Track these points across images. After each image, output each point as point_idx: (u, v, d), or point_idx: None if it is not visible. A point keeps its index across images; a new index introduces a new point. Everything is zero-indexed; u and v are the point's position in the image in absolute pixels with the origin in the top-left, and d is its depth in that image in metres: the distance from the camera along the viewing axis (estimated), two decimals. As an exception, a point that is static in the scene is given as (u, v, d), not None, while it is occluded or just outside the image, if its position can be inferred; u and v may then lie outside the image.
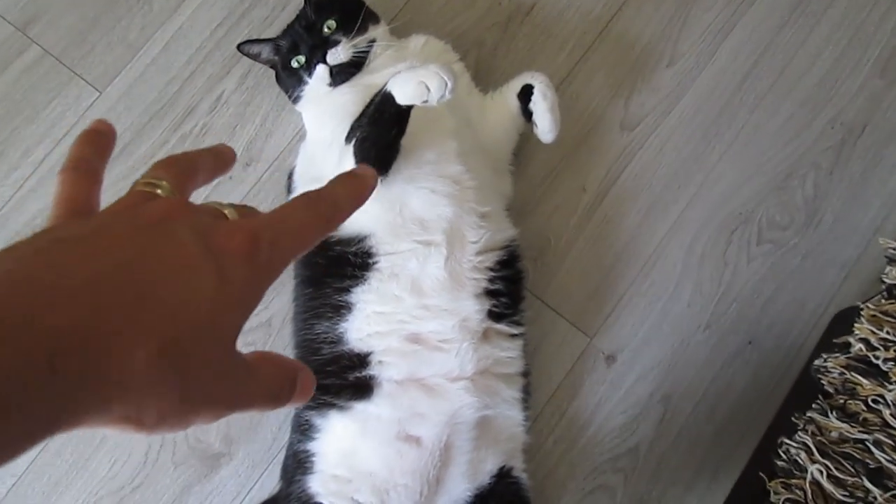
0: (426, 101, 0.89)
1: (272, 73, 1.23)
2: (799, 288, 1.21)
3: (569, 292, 1.20)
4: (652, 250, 1.21)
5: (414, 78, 0.89)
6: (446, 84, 0.88)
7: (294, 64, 1.06)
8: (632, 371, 1.18)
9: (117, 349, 0.28)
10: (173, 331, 0.30)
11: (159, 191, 0.36)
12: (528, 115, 1.10)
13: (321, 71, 1.04)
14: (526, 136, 1.16)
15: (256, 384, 0.35)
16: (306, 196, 0.38)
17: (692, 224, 1.22)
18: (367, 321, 0.96)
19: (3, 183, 1.18)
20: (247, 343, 1.16)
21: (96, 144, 0.39)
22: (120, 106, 1.23)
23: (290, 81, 1.08)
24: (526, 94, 1.09)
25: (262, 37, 1.18)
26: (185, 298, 0.31)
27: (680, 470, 1.17)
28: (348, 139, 0.96)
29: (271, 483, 1.12)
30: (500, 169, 1.13)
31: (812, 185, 1.24)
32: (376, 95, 0.94)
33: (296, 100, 1.10)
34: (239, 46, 1.11)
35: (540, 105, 1.07)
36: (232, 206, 0.38)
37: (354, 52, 1.05)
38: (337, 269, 0.98)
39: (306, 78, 1.06)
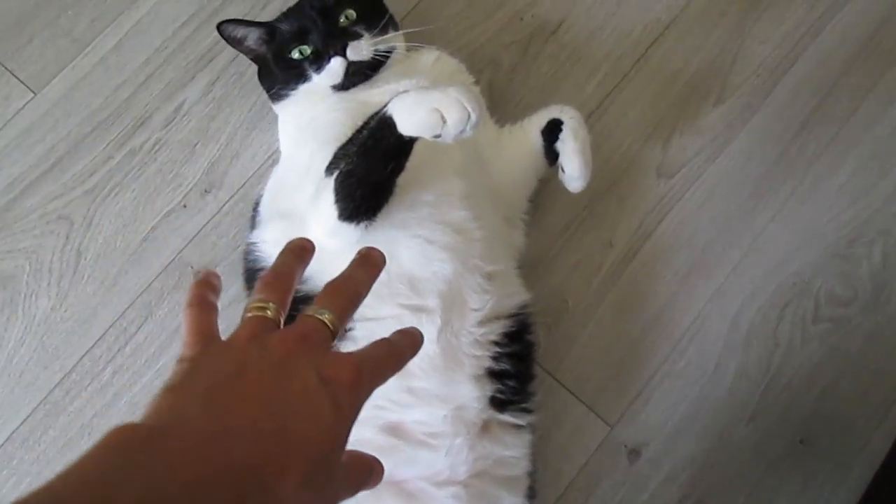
0: (438, 136, 0.71)
1: (245, 81, 1.05)
2: (861, 376, 1.03)
3: (587, 369, 1.01)
4: (689, 322, 1.03)
5: (426, 103, 0.70)
6: (469, 117, 0.69)
7: (296, 55, 0.87)
8: (659, 470, 0.99)
9: (276, 483, 0.36)
10: (310, 460, 0.38)
11: (269, 312, 0.45)
12: (552, 156, 0.94)
13: (336, 65, 0.86)
14: (546, 178, 0.98)
15: (352, 480, 0.44)
16: (385, 341, 0.47)
17: (738, 293, 1.04)
18: None
19: None
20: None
21: (211, 286, 0.48)
22: (58, 111, 1.04)
23: (284, 76, 0.89)
24: (552, 130, 0.93)
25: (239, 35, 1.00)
26: (314, 429, 0.39)
27: None
28: (329, 170, 0.78)
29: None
30: (512, 218, 0.95)
31: (880, 253, 1.06)
32: (372, 118, 0.76)
33: (280, 97, 0.91)
34: (219, 26, 0.91)
35: (569, 145, 0.91)
36: (326, 309, 0.45)
37: (376, 53, 0.87)
38: None
39: (311, 72, 0.87)
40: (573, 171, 0.91)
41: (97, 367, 0.97)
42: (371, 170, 0.75)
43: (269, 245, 0.85)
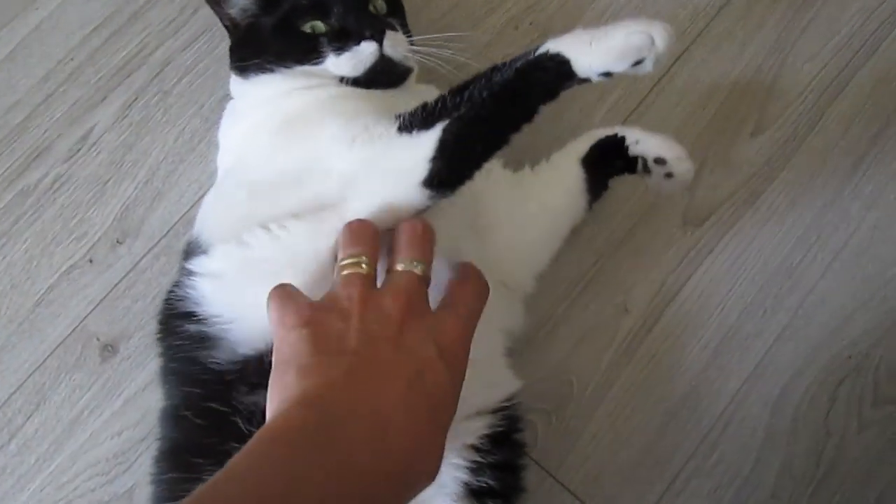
0: (639, 64, 0.57)
1: (170, 102, 0.87)
2: (930, 473, 0.86)
3: (597, 468, 0.82)
4: (722, 408, 0.85)
5: (624, 28, 0.57)
6: (670, 40, 0.57)
7: (307, 28, 0.72)
8: None
9: (425, 460, 0.47)
10: (444, 430, 0.48)
11: (364, 266, 0.52)
12: (597, 190, 0.81)
13: (367, 51, 0.71)
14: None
15: None
16: (468, 280, 0.57)
17: (781, 371, 0.86)
18: None
19: None
20: (92, 526, 0.77)
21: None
22: (-69, 138, 0.84)
23: (286, 51, 0.73)
24: (604, 153, 0.80)
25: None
26: (442, 402, 0.48)
27: None
28: (421, 124, 0.61)
29: None
30: (515, 290, 0.78)
31: (951, 320, 0.90)
32: (508, 63, 0.60)
33: (263, 71, 0.73)
34: None
35: (647, 137, 0.78)
36: (416, 261, 0.52)
37: (405, 53, 0.74)
38: (218, 434, 0.60)
39: (328, 53, 0.71)
40: (674, 150, 0.76)
41: (-28, 469, 0.78)
42: (503, 123, 0.60)
43: (213, 280, 0.64)
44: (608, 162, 0.80)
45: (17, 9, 0.88)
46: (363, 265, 0.52)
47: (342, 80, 0.72)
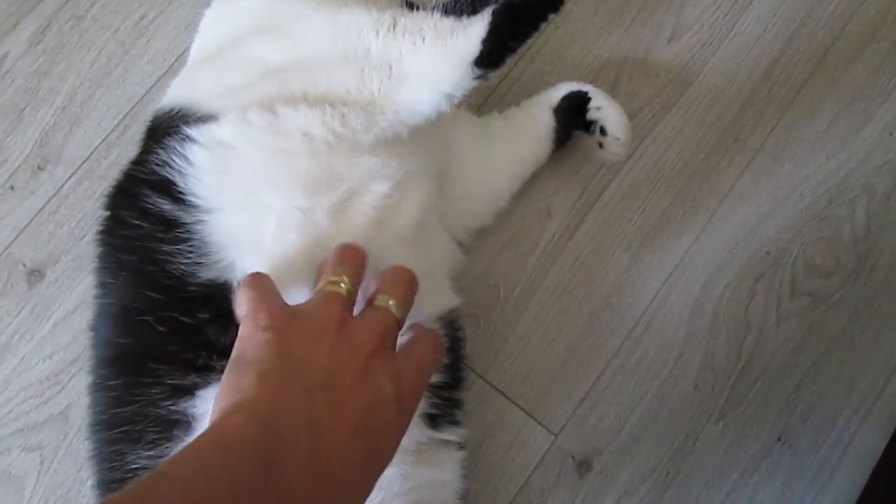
0: None
1: (85, 26, 0.88)
2: (845, 360, 0.92)
3: (525, 368, 0.87)
4: (644, 307, 0.90)
5: None
6: None
7: None
8: (614, 483, 0.86)
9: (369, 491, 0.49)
10: (383, 468, 0.50)
11: (343, 286, 0.53)
12: (563, 138, 0.87)
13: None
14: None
15: None
16: (431, 339, 0.58)
17: (701, 268, 0.91)
18: None
19: None
20: (29, 447, 0.80)
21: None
22: None
23: None
24: (572, 106, 0.86)
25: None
26: (387, 438, 0.50)
27: None
28: (469, 8, 0.66)
29: None
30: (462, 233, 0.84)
31: (863, 214, 0.94)
32: None
33: None
34: None
35: (608, 106, 0.85)
36: (395, 301, 0.53)
37: None
38: (180, 342, 0.60)
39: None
40: (620, 131, 0.83)
41: None
42: (545, 4, 0.66)
43: (217, 150, 0.62)
44: (575, 115, 0.86)
45: (-81, -64, 0.88)
46: (346, 289, 0.53)
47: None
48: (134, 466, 0.59)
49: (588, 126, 0.85)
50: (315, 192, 0.61)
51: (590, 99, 0.85)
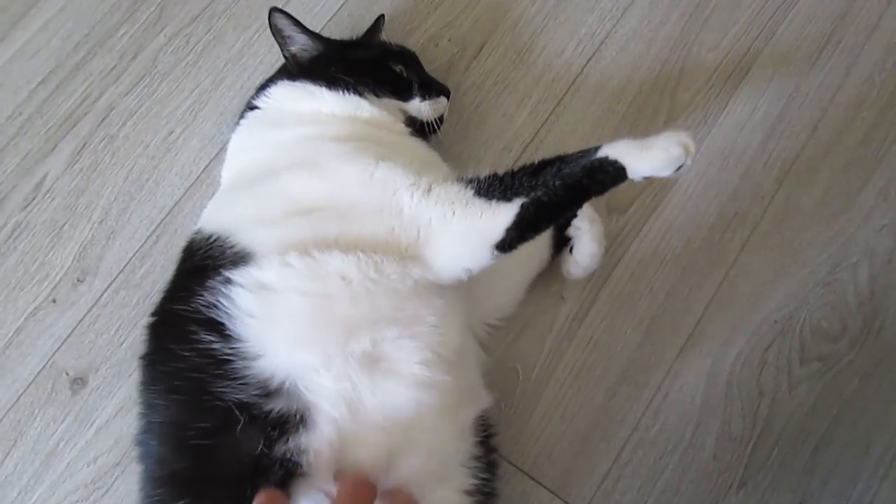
0: (680, 169, 0.73)
1: (117, 145, 0.97)
2: (860, 422, 0.96)
3: (547, 447, 0.93)
4: (659, 381, 0.95)
5: (666, 140, 0.74)
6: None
7: (398, 69, 0.92)
8: (633, 558, 0.91)
9: None
10: None
11: None
12: (559, 244, 0.95)
13: (443, 104, 0.93)
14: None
15: None
16: None
17: (712, 340, 0.97)
18: None
19: None
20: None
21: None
22: None
23: (377, 80, 0.89)
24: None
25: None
26: None
27: None
28: (500, 196, 0.74)
29: None
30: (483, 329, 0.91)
31: (867, 277, 1.00)
32: (573, 158, 0.76)
33: (349, 90, 0.86)
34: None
35: (586, 229, 0.92)
36: None
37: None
38: (239, 476, 0.65)
39: (415, 96, 0.91)
40: (586, 255, 0.92)
41: (-42, 508, 0.86)
42: (568, 206, 0.76)
43: (259, 293, 0.68)
44: (566, 224, 0.94)
45: (-36, 71, 0.98)
46: None
47: (407, 122, 0.88)
48: None
49: (566, 240, 0.93)
50: (358, 332, 0.67)
51: (577, 216, 0.93)
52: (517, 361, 0.95)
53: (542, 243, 0.93)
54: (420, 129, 0.91)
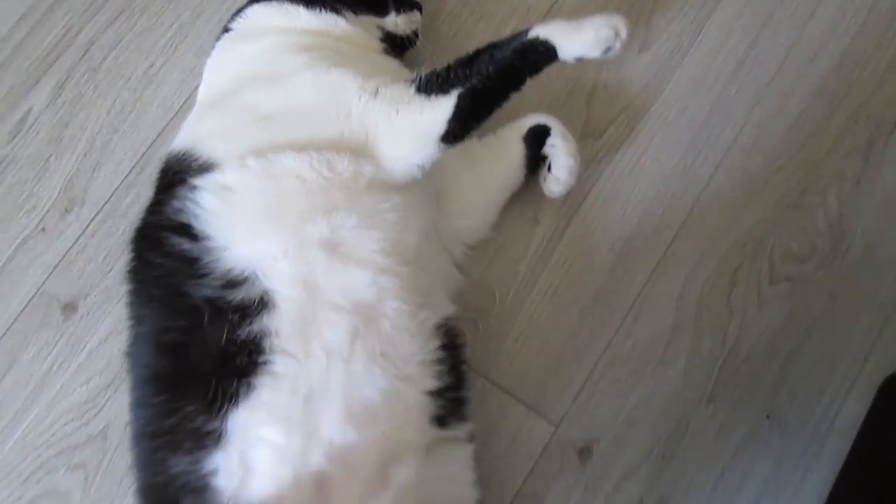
0: (608, 51, 0.78)
1: (100, 78, 1.00)
2: (826, 339, 1.01)
3: (523, 365, 0.97)
4: (631, 301, 0.99)
5: (598, 21, 0.79)
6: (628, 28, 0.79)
7: None
8: (614, 467, 0.96)
9: None
10: None
11: None
12: (533, 164, 0.99)
13: (418, 17, 0.98)
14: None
15: None
16: None
17: (684, 262, 1.01)
18: (252, 456, 0.70)
19: None
20: (74, 465, 0.91)
21: None
22: None
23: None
24: (535, 137, 0.98)
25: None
26: None
27: None
28: (437, 89, 0.79)
29: None
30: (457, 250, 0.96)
31: (835, 200, 1.04)
32: (505, 43, 0.80)
33: (324, 7, 0.89)
34: None
35: (561, 146, 0.97)
36: None
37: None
38: (211, 366, 0.71)
39: (391, 12, 0.95)
40: (564, 170, 0.97)
41: (-42, 427, 0.91)
42: (503, 90, 0.80)
43: (221, 193, 0.74)
44: (540, 144, 0.99)
45: (-55, 8, 1.00)
46: None
47: (384, 38, 0.93)
48: (174, 471, 0.70)
49: (542, 158, 0.98)
50: (315, 219, 0.72)
51: (550, 134, 0.97)
52: (494, 284, 0.99)
53: (513, 164, 0.97)
54: (398, 45, 0.94)
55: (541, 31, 0.79)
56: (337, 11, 0.88)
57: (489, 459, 0.94)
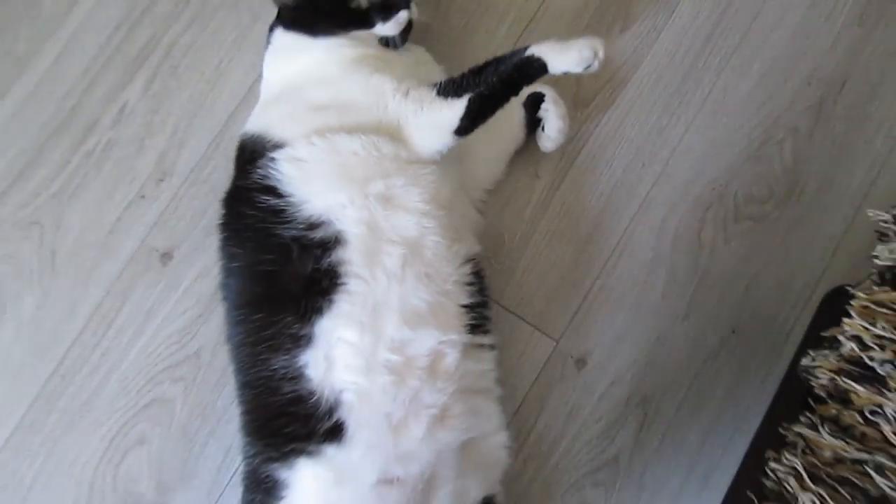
0: (589, 67, 1.00)
1: (179, 73, 1.23)
2: (783, 267, 1.21)
3: (529, 293, 1.20)
4: (617, 239, 1.21)
5: (580, 44, 1.00)
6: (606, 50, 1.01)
7: (359, 3, 1.09)
8: (605, 374, 1.18)
9: None
10: None
11: None
12: (531, 126, 1.20)
13: (404, 17, 1.09)
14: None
15: None
16: None
17: (661, 205, 1.22)
18: (334, 352, 0.94)
19: None
20: (175, 378, 1.16)
21: None
22: (13, 127, 1.22)
23: (342, 19, 1.09)
24: (534, 102, 1.18)
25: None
26: None
27: (666, 479, 1.17)
28: (454, 93, 1.01)
29: (213, 532, 1.13)
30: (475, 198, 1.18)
31: (791, 151, 1.24)
32: (507, 58, 1.01)
33: (326, 34, 1.08)
34: None
35: (552, 109, 1.17)
36: None
37: (416, 15, 1.13)
38: (300, 288, 0.95)
39: (377, 20, 1.09)
40: (554, 130, 1.17)
41: (86, 352, 1.17)
42: (504, 95, 1.02)
43: (296, 164, 0.97)
44: (537, 108, 1.19)
45: (57, 20, 1.25)
46: None
47: (381, 41, 1.10)
48: (275, 367, 0.94)
49: (538, 121, 1.18)
50: (374, 181, 0.95)
51: (544, 100, 1.17)
52: (503, 229, 1.21)
53: (515, 125, 1.18)
54: (394, 45, 1.12)
55: (535, 50, 1.00)
56: (336, 35, 1.07)
57: (503, 369, 1.15)
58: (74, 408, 1.16)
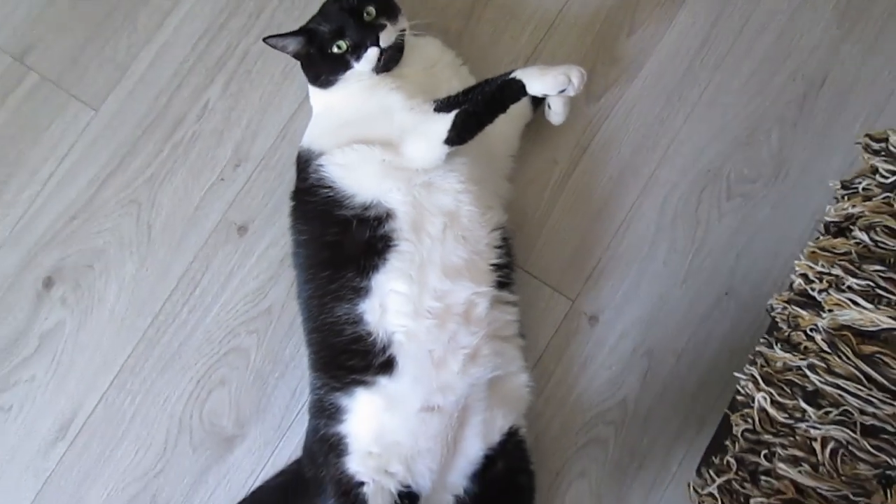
0: (563, 91, 1.17)
1: (252, 77, 1.46)
2: (771, 238, 1.41)
3: (549, 260, 1.41)
4: (625, 214, 1.41)
5: (554, 70, 1.16)
6: (583, 79, 1.17)
7: (335, 49, 1.24)
8: (614, 329, 1.38)
9: None
10: None
11: None
12: (536, 103, 1.37)
13: (372, 54, 1.23)
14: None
15: None
16: None
17: (663, 186, 1.42)
18: (387, 301, 1.16)
19: (15, 201, 1.42)
20: (250, 331, 1.39)
21: None
22: (115, 122, 1.46)
23: (330, 67, 1.26)
24: None
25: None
26: None
27: (667, 420, 1.36)
28: (445, 109, 1.18)
29: (283, 459, 1.35)
30: (498, 164, 1.37)
31: (777, 138, 1.43)
32: (494, 80, 1.18)
33: (328, 84, 1.27)
34: (265, 40, 1.26)
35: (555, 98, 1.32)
36: None
37: (397, 37, 1.26)
38: (359, 252, 1.17)
39: (353, 62, 1.24)
40: (559, 106, 1.32)
41: (177, 308, 1.41)
42: (488, 113, 1.18)
43: (340, 167, 1.19)
44: None
45: (150, 33, 1.49)
46: None
47: (373, 70, 1.27)
48: (339, 314, 1.18)
49: (542, 99, 1.35)
50: (413, 174, 1.17)
51: None
52: (526, 207, 1.42)
53: (523, 104, 1.31)
54: (390, 59, 1.26)
55: (518, 74, 1.17)
56: (332, 83, 1.26)
57: (526, 326, 1.36)
58: (167, 355, 1.39)
